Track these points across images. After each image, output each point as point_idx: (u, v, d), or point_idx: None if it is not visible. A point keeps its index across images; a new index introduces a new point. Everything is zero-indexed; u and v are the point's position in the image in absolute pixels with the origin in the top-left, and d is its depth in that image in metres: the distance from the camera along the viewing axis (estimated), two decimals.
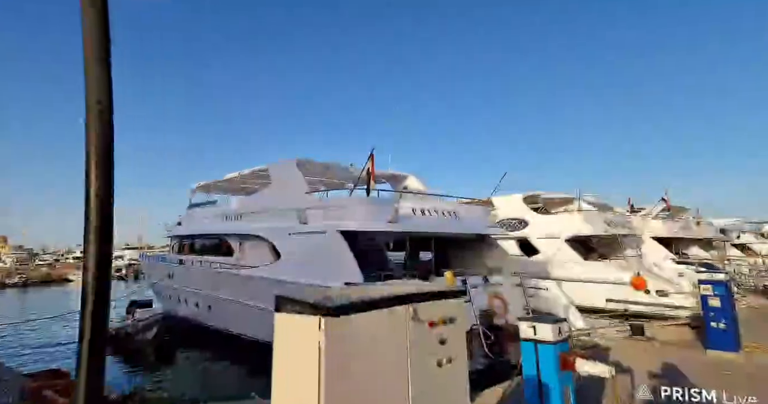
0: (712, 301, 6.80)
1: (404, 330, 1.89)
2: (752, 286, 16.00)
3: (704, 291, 6.85)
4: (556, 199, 22.12)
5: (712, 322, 6.79)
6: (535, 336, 3.52)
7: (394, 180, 13.87)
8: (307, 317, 1.66)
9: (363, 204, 8.66)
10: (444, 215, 10.12)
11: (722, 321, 6.68)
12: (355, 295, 1.83)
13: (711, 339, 6.86)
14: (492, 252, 11.79)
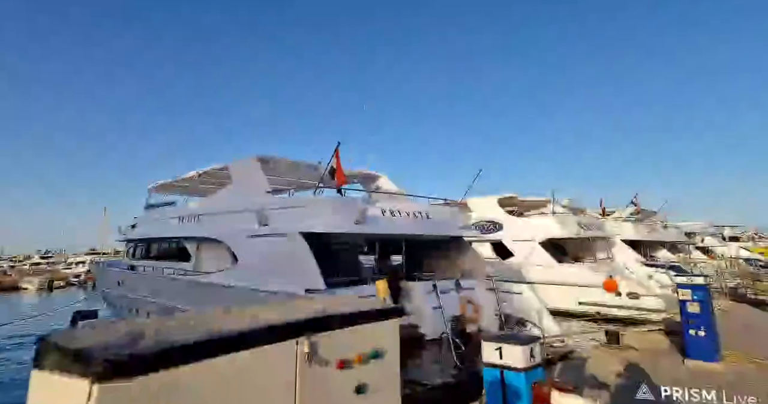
0: (691, 307, 6.51)
1: (290, 379, 1.25)
2: (719, 288, 16.29)
3: (683, 296, 6.60)
4: (530, 201, 22.18)
5: (690, 330, 6.45)
6: (502, 361, 2.86)
7: (366, 180, 13.34)
8: (71, 380, 0.93)
9: (327, 205, 8.08)
10: (415, 216, 9.65)
11: (701, 328, 6.39)
12: (201, 328, 1.15)
13: (690, 347, 6.52)
14: (465, 255, 11.40)
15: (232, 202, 9.80)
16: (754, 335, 8.49)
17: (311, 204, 8.04)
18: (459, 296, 10.37)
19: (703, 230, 35.68)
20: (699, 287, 6.55)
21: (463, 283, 10.55)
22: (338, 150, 7.92)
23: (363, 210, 8.07)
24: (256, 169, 9.45)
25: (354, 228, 8.05)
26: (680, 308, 6.50)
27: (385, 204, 9.26)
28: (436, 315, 9.55)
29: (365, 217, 8.11)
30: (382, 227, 8.79)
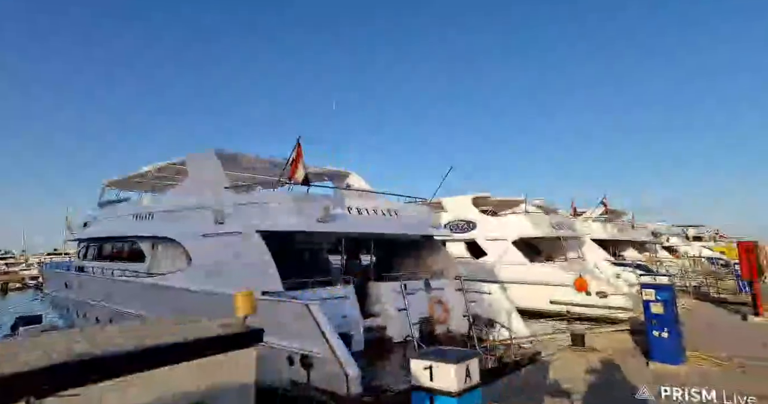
0: (655, 307, 6.38)
1: None
2: (684, 287, 16.70)
3: (647, 296, 6.51)
4: (504, 201, 22.24)
5: (654, 331, 6.28)
6: (432, 383, 2.37)
7: (336, 177, 12.91)
8: None
9: (288, 202, 7.62)
10: (384, 215, 9.31)
11: (664, 329, 6.27)
12: None
13: (654, 349, 6.32)
14: (436, 254, 11.15)
15: (187, 198, 9.19)
16: (717, 334, 8.57)
17: (271, 202, 7.56)
18: (428, 296, 10.11)
19: (665, 230, 36.94)
20: (663, 287, 6.43)
21: (433, 283, 10.29)
22: (300, 144, 7.48)
23: (327, 208, 7.66)
24: (214, 164, 8.88)
25: (317, 227, 7.63)
26: (644, 308, 6.39)
27: (352, 202, 8.87)
28: (404, 317, 9.24)
29: (329, 215, 7.70)
30: (349, 226, 8.41)
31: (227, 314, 7.29)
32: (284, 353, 6.26)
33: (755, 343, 7.71)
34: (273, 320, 6.58)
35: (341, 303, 8.08)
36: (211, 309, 7.74)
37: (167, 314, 8.35)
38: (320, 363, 5.86)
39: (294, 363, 6.12)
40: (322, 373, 5.82)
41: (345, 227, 8.21)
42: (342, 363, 5.63)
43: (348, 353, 5.76)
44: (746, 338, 8.25)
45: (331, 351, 5.74)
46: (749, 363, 6.16)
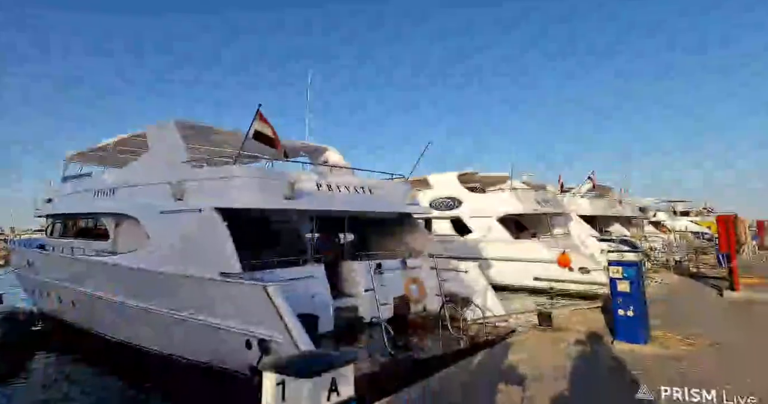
0: (621, 285, 5.92)
1: None
2: (665, 262, 16.72)
3: (613, 273, 6.19)
4: (491, 177, 21.87)
5: (620, 309, 5.91)
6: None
7: (312, 152, 12.33)
8: None
9: (250, 177, 7.10)
10: (357, 192, 8.84)
11: (630, 308, 5.85)
12: None
13: (619, 328, 6.04)
14: (414, 232, 10.80)
15: (147, 172, 8.61)
16: (691, 311, 8.46)
17: (232, 177, 7.03)
18: (404, 276, 9.84)
19: (652, 205, 37.11)
20: (629, 264, 6.05)
21: (410, 262, 9.99)
22: (260, 112, 6.85)
23: (293, 185, 7.16)
24: (174, 136, 8.26)
25: (282, 204, 7.16)
26: (610, 286, 6.14)
27: (323, 178, 8.37)
28: (378, 296, 8.97)
29: (295, 192, 7.21)
30: (318, 203, 7.94)
31: (183, 296, 6.86)
32: (243, 337, 5.94)
33: (728, 320, 7.63)
34: (231, 302, 6.23)
35: (310, 283, 7.74)
36: (167, 291, 7.44)
37: (125, 296, 8.00)
38: (278, 347, 5.55)
39: (252, 347, 5.81)
40: None
41: (313, 204, 7.76)
42: (299, 347, 5.32)
43: (307, 337, 5.45)
44: (720, 314, 8.16)
45: (288, 335, 5.41)
46: (718, 341, 6.01)
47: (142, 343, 7.84)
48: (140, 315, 7.60)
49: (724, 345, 5.84)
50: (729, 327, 6.98)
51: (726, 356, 5.42)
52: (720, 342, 5.94)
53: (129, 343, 8.17)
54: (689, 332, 6.50)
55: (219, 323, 6.24)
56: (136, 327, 7.90)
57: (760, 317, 7.73)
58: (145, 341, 7.80)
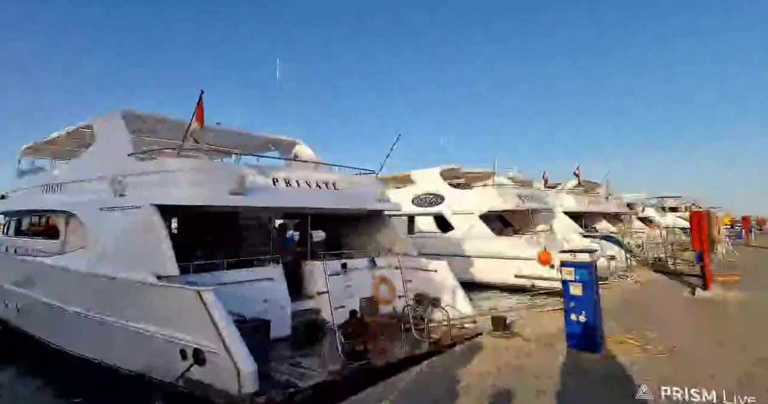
0: (574, 288, 5.52)
1: None
2: (647, 258, 16.48)
3: (566, 275, 5.76)
4: (475, 173, 21.48)
5: (572, 314, 5.49)
6: None
7: (282, 146, 11.81)
8: None
9: (190, 171, 6.57)
10: (320, 187, 8.35)
11: (582, 313, 5.42)
12: None
13: (570, 334, 5.58)
14: (385, 230, 10.35)
15: (92, 166, 8.05)
16: (659, 311, 8.07)
17: (170, 171, 6.50)
18: (372, 275, 9.40)
19: (644, 201, 37.02)
20: (582, 265, 5.56)
21: (379, 261, 9.55)
22: (202, 100, 6.32)
23: (241, 179, 6.65)
24: (120, 128, 7.69)
25: (228, 201, 6.65)
26: (563, 289, 5.73)
27: (282, 173, 7.86)
28: (342, 298, 8.52)
29: (244, 187, 6.70)
30: (274, 199, 7.44)
31: (118, 302, 6.30)
32: (178, 346, 5.45)
33: (692, 321, 7.25)
34: (165, 308, 5.73)
35: (265, 285, 7.27)
36: (102, 296, 6.90)
37: (63, 300, 7.44)
38: (213, 357, 5.07)
39: (187, 358, 5.33)
40: (216, 369, 5.05)
41: (267, 201, 7.25)
42: (234, 357, 4.85)
43: (244, 348, 4.97)
44: (687, 315, 7.81)
45: (223, 345, 4.94)
46: (675, 345, 5.63)
47: (82, 352, 7.31)
48: (78, 322, 7.06)
49: (679, 350, 5.45)
50: (691, 329, 6.60)
51: (678, 363, 5.02)
52: (676, 346, 5.56)
53: (72, 352, 7.63)
54: (650, 335, 6.12)
55: (154, 331, 5.74)
56: (76, 334, 7.36)
57: (724, 318, 7.41)
58: (85, 350, 7.26)
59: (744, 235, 27.57)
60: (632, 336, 6.01)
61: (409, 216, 20.35)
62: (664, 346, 5.62)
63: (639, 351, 5.42)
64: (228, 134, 10.35)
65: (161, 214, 6.29)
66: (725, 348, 5.51)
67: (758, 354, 5.26)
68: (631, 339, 5.87)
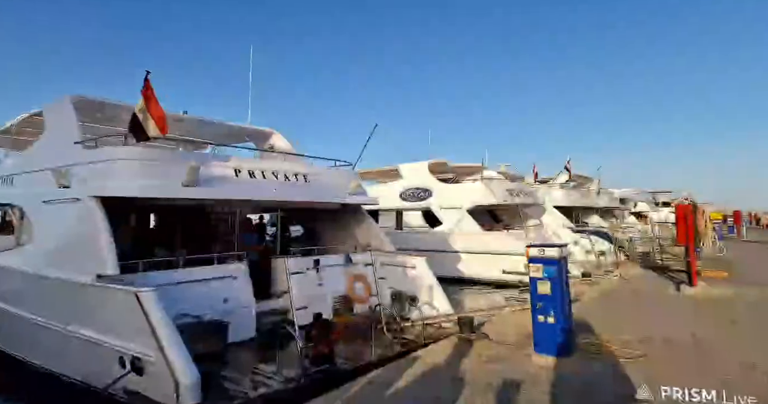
0: (541, 286, 4.99)
1: None
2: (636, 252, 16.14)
3: (533, 272, 5.12)
4: (464, 167, 21.02)
5: (539, 315, 4.96)
6: None
7: (256, 137, 11.23)
8: None
9: (138, 160, 6.00)
10: (289, 179, 7.82)
11: (551, 313, 4.91)
12: None
13: (538, 337, 5.05)
14: (362, 225, 9.86)
15: (41, 156, 7.46)
16: (641, 310, 7.56)
17: (114, 160, 5.94)
18: (347, 273, 8.91)
19: (636, 196, 36.82)
20: (550, 261, 5.00)
21: (355, 258, 9.06)
22: (149, 80, 5.71)
23: (194, 170, 6.10)
24: (68, 114, 7.09)
25: (182, 192, 6.10)
26: (531, 287, 5.25)
27: (244, 163, 7.31)
28: (314, 297, 8.03)
29: (197, 178, 6.16)
30: (235, 191, 6.91)
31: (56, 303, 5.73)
32: (116, 353, 4.93)
33: (674, 321, 6.73)
34: (104, 312, 5.20)
35: (226, 284, 6.75)
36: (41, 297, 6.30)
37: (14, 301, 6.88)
38: (151, 366, 4.56)
39: (126, 366, 4.81)
40: (154, 379, 4.54)
41: (226, 193, 6.71)
42: (172, 367, 4.34)
43: (185, 355, 4.46)
44: (672, 313, 7.34)
45: (160, 351, 4.43)
46: (655, 348, 5.18)
47: (27, 358, 6.74)
48: (24, 326, 6.50)
49: (655, 354, 4.99)
50: (671, 329, 6.07)
51: (652, 368, 4.55)
52: (651, 350, 5.08)
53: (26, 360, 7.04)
54: (626, 337, 5.67)
55: (93, 336, 5.20)
56: (23, 339, 6.78)
57: (707, 317, 6.94)
58: (30, 356, 6.69)
59: (736, 230, 27.40)
60: (607, 338, 5.54)
61: (397, 211, 19.93)
62: (641, 348, 5.16)
63: (612, 355, 4.95)
64: (198, 124, 9.73)
65: (111, 207, 5.75)
66: (706, 351, 5.07)
67: (740, 358, 4.85)
68: (606, 340, 5.39)
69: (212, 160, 6.86)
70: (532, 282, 5.05)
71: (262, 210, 11.39)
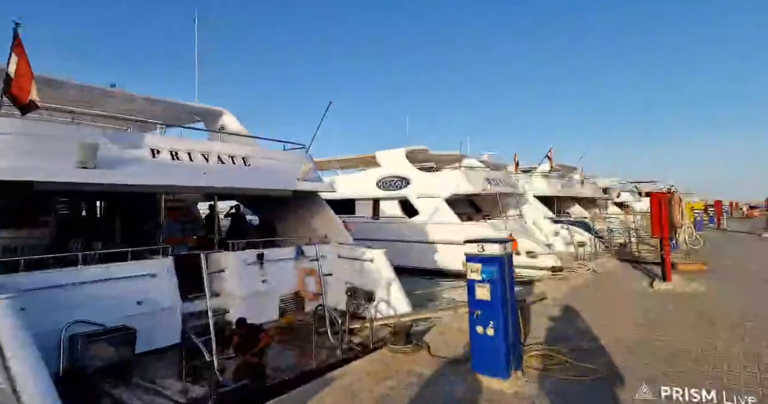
0: (480, 290, 3.90)
1: None
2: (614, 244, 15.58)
3: (471, 273, 4.02)
4: (444, 156, 20.15)
5: (478, 326, 3.91)
6: None
7: (207, 116, 10.13)
8: None
9: (12, 136, 4.93)
10: (223, 162, 6.82)
11: (491, 324, 3.84)
12: None
13: (476, 353, 4.05)
14: (320, 215, 8.93)
15: None
16: (605, 311, 6.55)
17: None
18: (298, 267, 8.00)
19: (619, 185, 36.54)
20: (490, 259, 3.96)
21: (308, 251, 8.13)
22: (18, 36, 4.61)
23: (89, 148, 5.06)
24: None
25: (73, 176, 5.07)
26: (468, 290, 4.17)
27: (164, 143, 6.27)
28: (257, 296, 7.12)
29: (95, 159, 5.12)
30: (147, 175, 5.87)
31: None
32: None
33: (649, 322, 5.85)
34: None
35: (140, 283, 5.78)
36: None
37: None
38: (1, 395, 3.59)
39: None
40: None
41: (130, 177, 5.68)
42: (23, 398, 3.39)
43: (41, 382, 3.51)
44: (643, 314, 6.32)
45: (8, 379, 3.46)
46: (618, 361, 4.34)
47: None
48: None
49: (611, 370, 4.10)
50: (634, 335, 5.25)
51: (604, 389, 3.73)
52: (610, 369, 4.16)
53: None
54: (587, 345, 4.86)
55: None
56: None
57: (681, 318, 6.03)
58: None
59: (716, 220, 27.22)
60: (565, 347, 4.64)
61: (374, 200, 19.08)
62: (601, 361, 4.32)
63: (563, 371, 4.06)
64: (130, 100, 8.57)
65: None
66: (670, 364, 4.27)
67: (717, 369, 4.10)
68: (562, 352, 4.46)
69: (123, 139, 5.80)
70: (470, 286, 4.14)
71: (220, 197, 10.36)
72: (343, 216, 19.30)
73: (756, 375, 3.94)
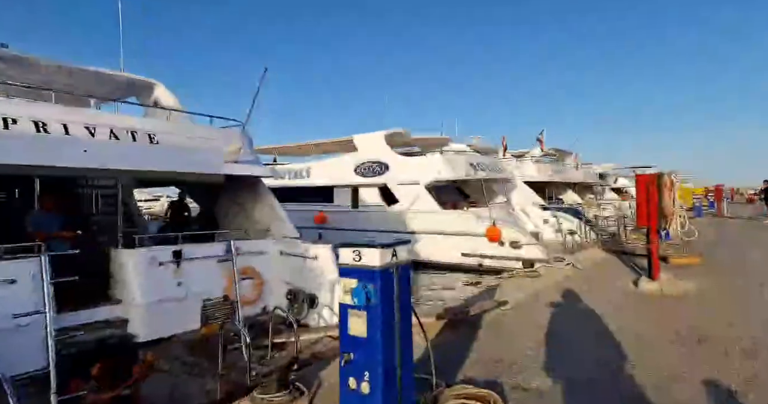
0: (353, 322, 2.44)
1: None
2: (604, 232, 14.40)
3: (344, 295, 2.48)
4: (428, 139, 18.83)
5: (349, 377, 2.43)
6: None
7: (140, 89, 8.79)
8: None
9: None
10: (116, 138, 5.53)
11: (366, 375, 2.36)
12: None
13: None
14: (262, 205, 7.69)
15: None
16: (579, 320, 5.15)
17: None
18: (226, 267, 6.75)
19: (617, 171, 35.30)
20: (370, 274, 2.44)
21: (244, 246, 6.87)
22: None
23: None
24: None
25: None
26: (341, 319, 2.53)
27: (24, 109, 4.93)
28: (169, 303, 5.92)
29: None
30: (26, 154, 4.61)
31: None
32: None
33: (626, 341, 4.38)
34: None
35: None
36: None
37: None
38: None
39: None
40: None
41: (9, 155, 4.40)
42: None
43: None
44: (620, 328, 4.84)
45: None
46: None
47: None
48: None
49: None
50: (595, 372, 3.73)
51: None
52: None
53: None
54: (535, 384, 3.46)
55: None
56: None
57: (664, 332, 4.70)
58: None
59: (716, 206, 26.06)
60: (498, 389, 3.19)
61: (352, 187, 17.87)
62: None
63: None
64: (49, 70, 7.09)
65: None
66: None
67: None
68: (490, 399, 2.91)
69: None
70: (342, 314, 2.74)
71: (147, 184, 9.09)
72: (319, 205, 18.35)
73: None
